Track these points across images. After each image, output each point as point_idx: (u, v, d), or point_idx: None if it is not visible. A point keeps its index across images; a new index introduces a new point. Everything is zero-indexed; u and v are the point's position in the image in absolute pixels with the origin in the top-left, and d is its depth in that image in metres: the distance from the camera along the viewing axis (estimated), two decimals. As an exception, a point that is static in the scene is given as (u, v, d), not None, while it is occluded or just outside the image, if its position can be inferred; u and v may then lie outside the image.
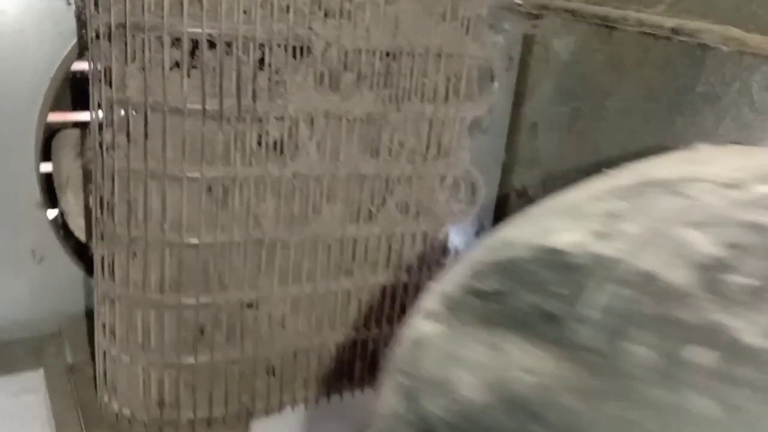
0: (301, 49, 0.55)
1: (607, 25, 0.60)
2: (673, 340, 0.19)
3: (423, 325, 0.26)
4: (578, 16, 0.60)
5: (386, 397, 0.25)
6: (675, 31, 0.51)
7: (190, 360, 0.60)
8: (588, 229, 0.25)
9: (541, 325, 0.21)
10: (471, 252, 0.30)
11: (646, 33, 0.56)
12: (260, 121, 0.56)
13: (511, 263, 0.25)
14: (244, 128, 0.55)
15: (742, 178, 0.27)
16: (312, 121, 0.57)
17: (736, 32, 0.48)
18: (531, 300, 0.23)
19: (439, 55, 0.60)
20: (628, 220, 0.25)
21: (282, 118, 0.56)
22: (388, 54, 0.58)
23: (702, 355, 0.18)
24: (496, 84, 0.66)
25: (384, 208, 0.63)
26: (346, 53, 0.56)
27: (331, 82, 0.57)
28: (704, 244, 0.22)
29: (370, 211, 0.63)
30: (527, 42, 0.96)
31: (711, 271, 0.21)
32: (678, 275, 0.21)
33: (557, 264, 0.24)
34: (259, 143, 0.56)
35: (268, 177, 0.57)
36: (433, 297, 0.27)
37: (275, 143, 0.57)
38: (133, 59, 0.52)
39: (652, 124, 0.79)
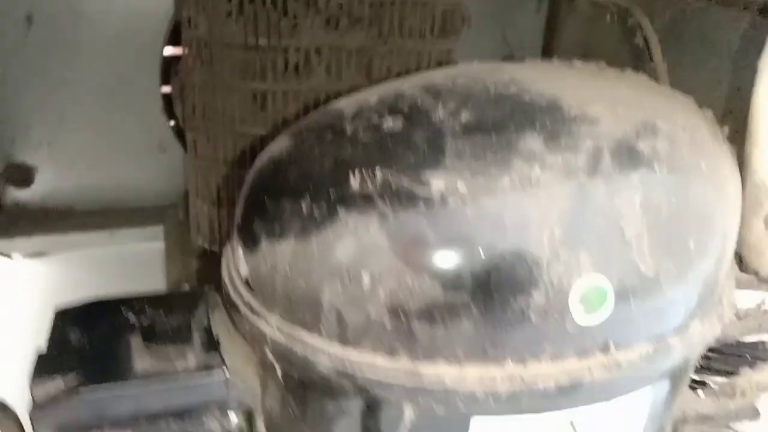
0: (311, 1, 0.87)
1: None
2: (323, 136, 0.50)
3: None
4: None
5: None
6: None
7: (245, 214, 0.97)
8: (357, 98, 0.56)
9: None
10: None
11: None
12: (285, 51, 0.89)
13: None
14: (274, 56, 0.89)
15: (439, 74, 0.56)
16: (320, 52, 0.89)
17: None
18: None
19: (416, 4, 0.89)
20: (373, 95, 0.55)
21: (299, 50, 0.89)
22: (375, 4, 0.89)
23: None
24: (465, 25, 0.93)
25: (377, 115, 0.94)
26: (343, 3, 0.88)
27: (333, 24, 0.89)
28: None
29: (368, 117, 0.94)
30: (554, -13, 1.20)
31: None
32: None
33: (322, 111, 0.55)
34: (285, 67, 0.90)
35: (291, 90, 0.90)
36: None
37: (295, 66, 0.90)
38: (203, 10, 0.87)
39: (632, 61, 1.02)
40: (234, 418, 0.52)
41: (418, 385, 0.45)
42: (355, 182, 0.45)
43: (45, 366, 0.50)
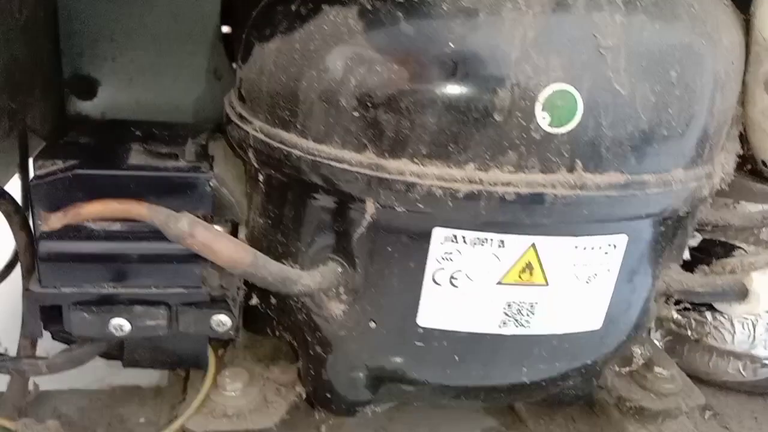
0: None
1: None
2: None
3: None
4: None
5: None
6: None
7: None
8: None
9: None
10: None
11: None
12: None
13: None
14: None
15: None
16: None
17: None
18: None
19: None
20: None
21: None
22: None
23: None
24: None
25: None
26: None
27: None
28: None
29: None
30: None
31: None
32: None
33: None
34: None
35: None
36: None
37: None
38: None
39: None
40: (218, 227, 0.55)
41: (380, 176, 0.47)
42: (341, -17, 0.48)
43: (50, 151, 0.55)
